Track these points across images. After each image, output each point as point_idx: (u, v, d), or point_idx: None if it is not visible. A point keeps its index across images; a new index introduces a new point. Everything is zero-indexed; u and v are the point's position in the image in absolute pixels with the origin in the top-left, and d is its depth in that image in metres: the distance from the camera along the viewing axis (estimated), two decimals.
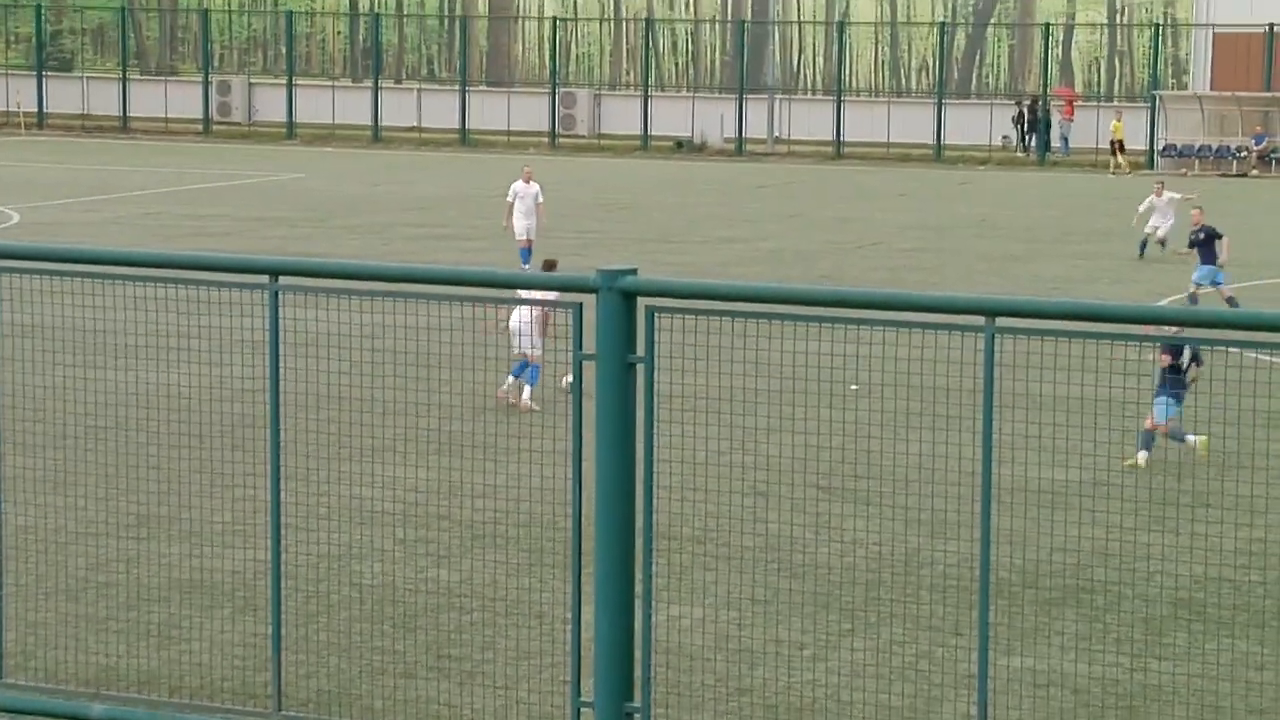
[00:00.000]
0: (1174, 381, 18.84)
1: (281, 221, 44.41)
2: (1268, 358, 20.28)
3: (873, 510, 16.42)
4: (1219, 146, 65.36)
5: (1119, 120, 66.55)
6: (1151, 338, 13.21)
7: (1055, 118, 69.75)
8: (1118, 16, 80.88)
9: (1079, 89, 76.65)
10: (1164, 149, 66.01)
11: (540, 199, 35.59)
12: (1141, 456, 18.62)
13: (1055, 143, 69.43)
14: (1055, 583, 14.54)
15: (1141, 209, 39.81)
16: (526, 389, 21.38)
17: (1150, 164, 65.86)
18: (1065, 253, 40.69)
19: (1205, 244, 32.00)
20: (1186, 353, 18.88)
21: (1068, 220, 48.05)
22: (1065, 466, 16.00)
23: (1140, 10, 79.53)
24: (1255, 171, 63.97)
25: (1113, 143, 65.80)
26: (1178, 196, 39.83)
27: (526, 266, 33.95)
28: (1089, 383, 10.97)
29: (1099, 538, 14.95)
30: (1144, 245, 39.54)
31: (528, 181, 35.69)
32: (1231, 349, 9.85)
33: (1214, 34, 70.58)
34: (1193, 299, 31.14)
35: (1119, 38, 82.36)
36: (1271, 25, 67.09)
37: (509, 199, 35.72)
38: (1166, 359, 18.99)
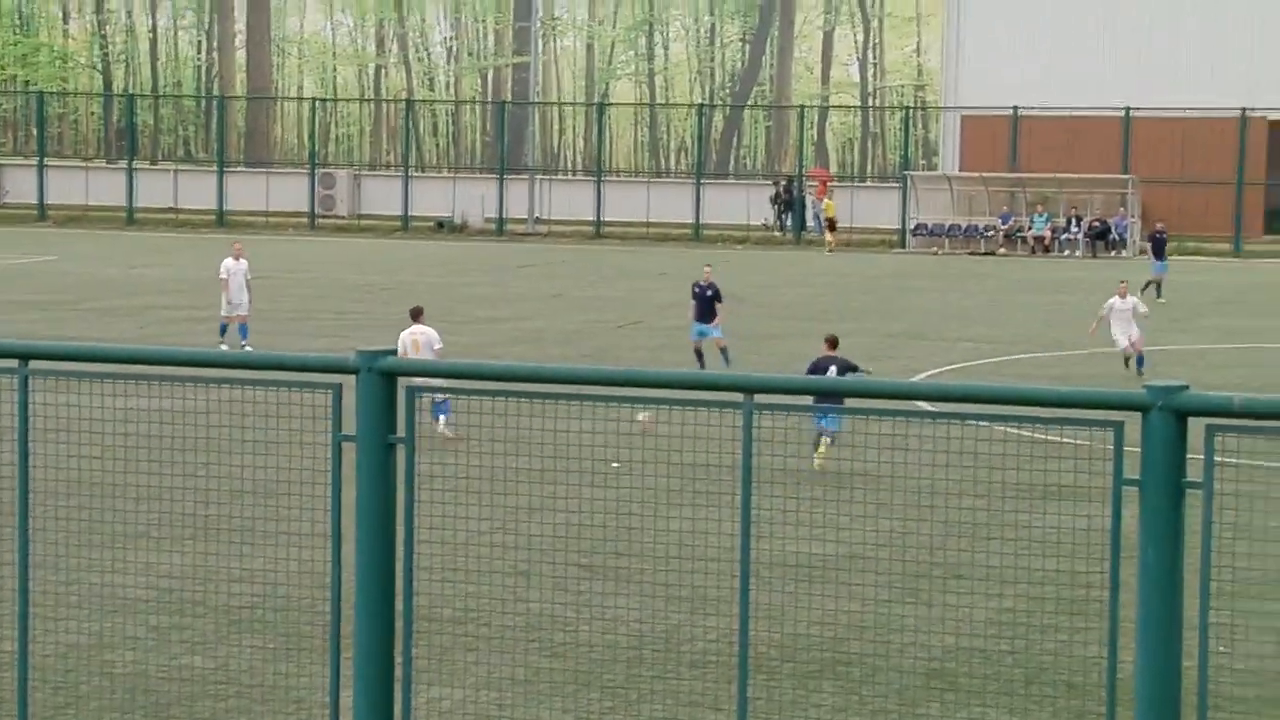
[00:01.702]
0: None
1: (33, 305, 43.53)
2: (1015, 430, 20.76)
3: (634, 588, 16.51)
4: (968, 225, 67.02)
5: (830, 200, 68.17)
6: (907, 413, 13.48)
7: (809, 198, 71.04)
8: (870, 99, 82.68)
9: (834, 170, 78.13)
10: (915, 228, 67.51)
11: (249, 275, 36.07)
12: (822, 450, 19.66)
13: (809, 222, 70.66)
14: (813, 656, 14.73)
15: (1102, 313, 34.24)
16: (442, 419, 23.46)
17: (902, 243, 67.27)
18: (822, 330, 41.28)
19: (707, 301, 33.76)
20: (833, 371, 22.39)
21: (823, 298, 48.86)
22: (822, 541, 16.24)
23: (892, 93, 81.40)
24: (1002, 250, 65.66)
25: (826, 221, 67.41)
26: (1143, 310, 34.17)
27: (245, 343, 34.37)
28: (844, 456, 11.18)
29: (855, 611, 15.19)
30: (1127, 361, 33.66)
31: (238, 258, 36.08)
32: (981, 422, 10.10)
33: (962, 117, 72.52)
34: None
35: (872, 120, 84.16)
36: (1016, 109, 69.07)
37: (222, 275, 36.13)
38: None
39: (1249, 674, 13.68)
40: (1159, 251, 49.38)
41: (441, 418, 23.80)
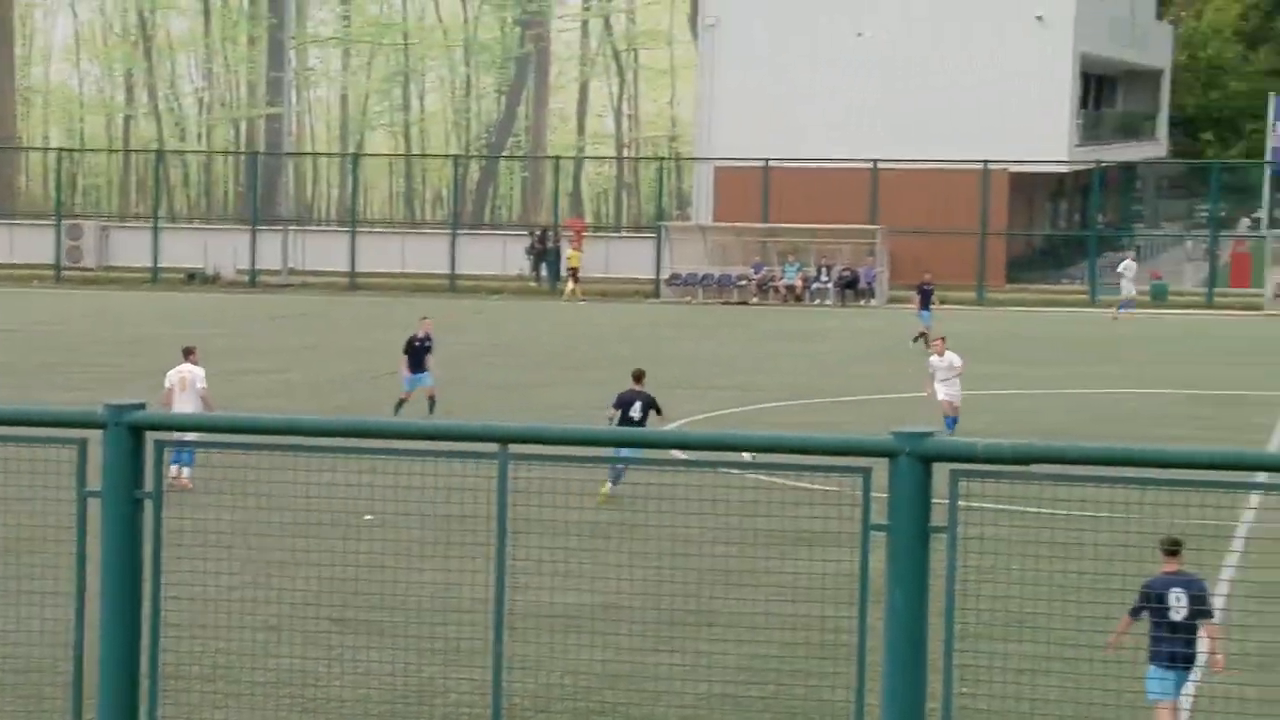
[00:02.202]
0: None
1: None
2: (766, 477, 21.01)
3: (387, 641, 16.37)
4: (721, 275, 67.77)
5: (576, 250, 68.70)
6: (667, 462, 13.56)
7: (567, 249, 71.32)
8: (625, 150, 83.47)
9: (589, 220, 78.63)
10: (670, 278, 68.09)
11: None
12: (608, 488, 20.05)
13: (564, 272, 70.90)
14: (567, 706, 14.74)
15: (930, 371, 33.54)
16: (185, 470, 23.47)
17: (657, 293, 67.80)
18: (579, 379, 41.47)
19: (423, 352, 35.04)
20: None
21: (580, 348, 49.04)
22: (578, 590, 16.25)
23: (647, 145, 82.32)
24: (755, 300, 66.49)
25: (569, 270, 67.93)
26: (958, 364, 33.23)
27: None
28: (588, 506, 11.21)
29: (610, 660, 15.23)
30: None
31: None
32: (733, 470, 10.22)
33: (715, 168, 73.39)
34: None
35: (627, 170, 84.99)
36: (767, 161, 70.08)
37: None
38: None
39: (993, 714, 13.95)
40: (925, 302, 50.06)
41: (185, 469, 23.62)
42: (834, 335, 54.30)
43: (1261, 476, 15.62)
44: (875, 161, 68.86)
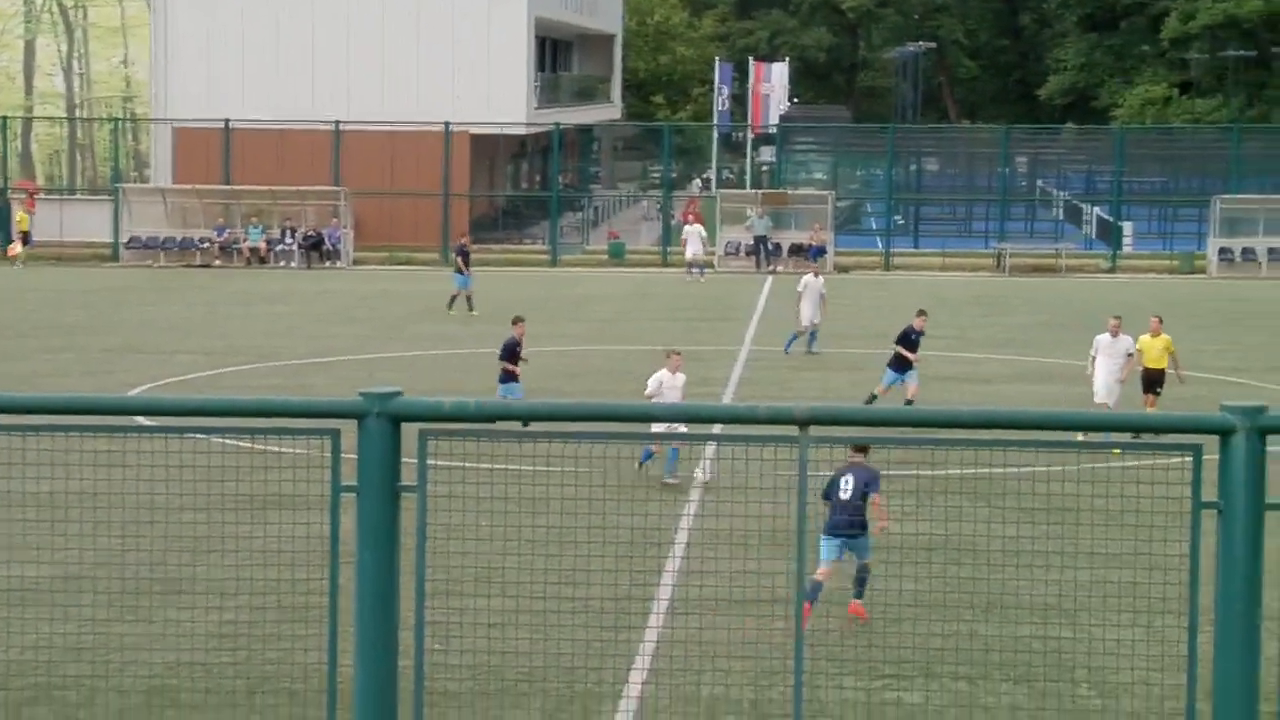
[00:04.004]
0: None
1: None
2: (233, 442, 20.75)
3: None
4: (183, 238, 66.41)
5: (26, 212, 66.58)
6: (121, 429, 13.21)
7: (16, 211, 68.67)
8: (77, 110, 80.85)
9: (41, 181, 75.83)
10: (129, 241, 66.39)
11: None
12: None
13: (14, 235, 68.32)
14: (28, 682, 14.27)
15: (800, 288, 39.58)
16: None
17: (115, 256, 66.04)
18: (33, 349, 40.07)
19: None
20: None
21: (36, 314, 47.38)
22: (36, 564, 15.74)
23: (100, 105, 79.89)
24: (218, 262, 65.42)
25: (19, 233, 65.79)
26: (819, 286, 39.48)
27: None
28: (45, 476, 10.86)
29: (71, 633, 14.80)
30: (794, 339, 39.70)
31: None
32: (199, 435, 10.03)
33: (174, 129, 71.82)
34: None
35: (80, 131, 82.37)
36: (228, 122, 68.97)
37: None
38: None
39: (464, 669, 14.13)
40: (465, 265, 49.21)
41: None
42: (300, 297, 53.90)
43: (714, 430, 16.25)
44: (338, 123, 68.55)
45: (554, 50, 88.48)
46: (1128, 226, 69.06)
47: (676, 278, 60.25)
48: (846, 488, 17.65)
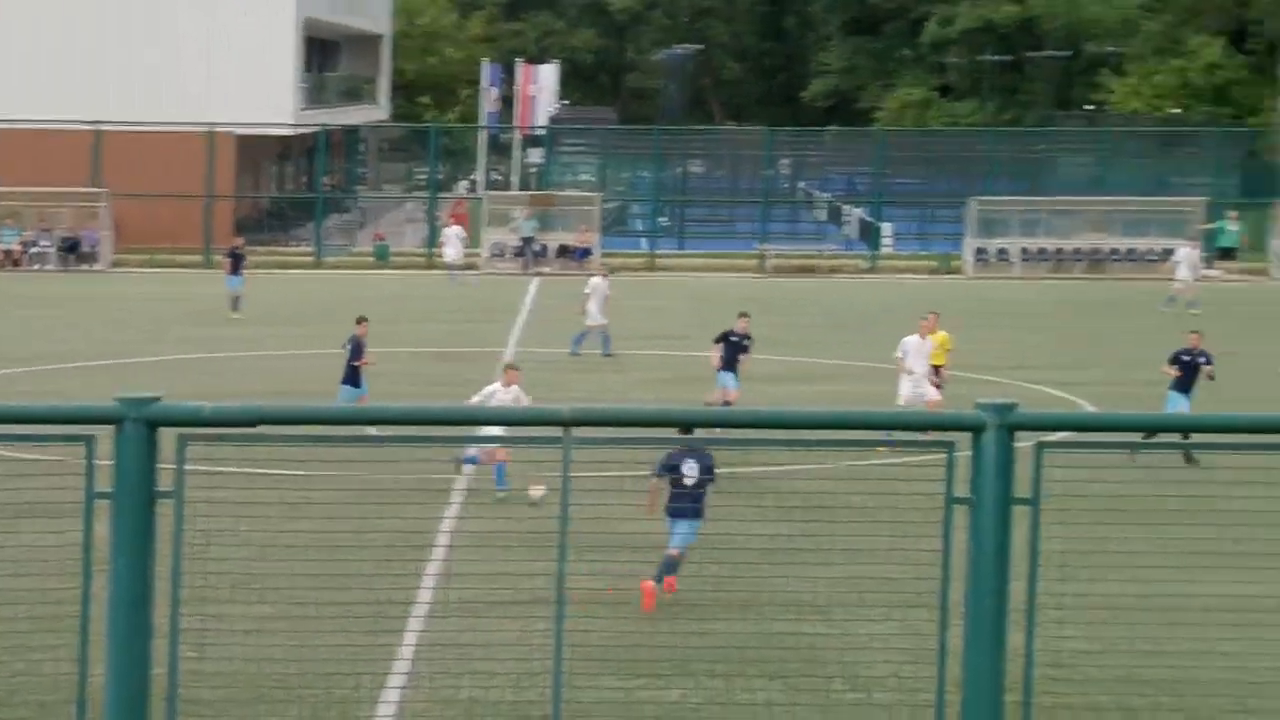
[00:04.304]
0: None
1: None
2: None
3: None
4: None
5: None
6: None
7: None
8: None
9: None
10: None
11: None
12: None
13: None
14: None
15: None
16: None
17: None
18: None
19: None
20: None
21: None
22: None
23: None
24: None
25: None
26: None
27: None
28: None
29: None
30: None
31: None
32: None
33: None
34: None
35: None
36: None
37: None
38: None
39: (219, 676, 14.04)
40: (236, 268, 48.49)
41: None
42: (56, 301, 52.89)
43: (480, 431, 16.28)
44: (98, 124, 67.32)
45: (321, 50, 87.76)
46: (887, 227, 70.35)
47: (441, 280, 60.11)
48: (691, 474, 17.94)
